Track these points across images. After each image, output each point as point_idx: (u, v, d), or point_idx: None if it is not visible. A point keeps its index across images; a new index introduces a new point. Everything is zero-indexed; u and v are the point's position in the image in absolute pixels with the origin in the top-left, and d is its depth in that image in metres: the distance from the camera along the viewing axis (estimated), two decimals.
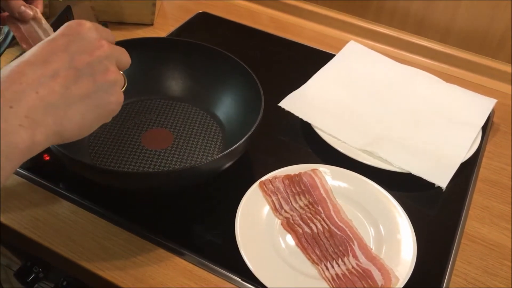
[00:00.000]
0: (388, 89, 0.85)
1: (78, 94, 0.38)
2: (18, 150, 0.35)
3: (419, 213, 0.67)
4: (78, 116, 0.39)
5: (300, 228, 0.62)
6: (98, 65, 0.40)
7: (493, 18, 0.90)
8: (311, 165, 0.69)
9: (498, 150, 0.79)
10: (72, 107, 0.38)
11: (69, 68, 0.38)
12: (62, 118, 0.37)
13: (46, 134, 0.37)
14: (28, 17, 0.51)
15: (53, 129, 0.37)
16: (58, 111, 0.37)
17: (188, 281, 0.57)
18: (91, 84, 0.39)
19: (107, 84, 0.41)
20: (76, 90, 0.38)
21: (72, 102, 0.38)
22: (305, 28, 1.03)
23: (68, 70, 0.38)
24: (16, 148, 0.34)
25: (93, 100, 0.40)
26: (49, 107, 0.36)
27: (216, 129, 0.74)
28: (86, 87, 0.39)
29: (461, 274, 0.61)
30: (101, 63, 0.40)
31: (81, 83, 0.39)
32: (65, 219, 0.63)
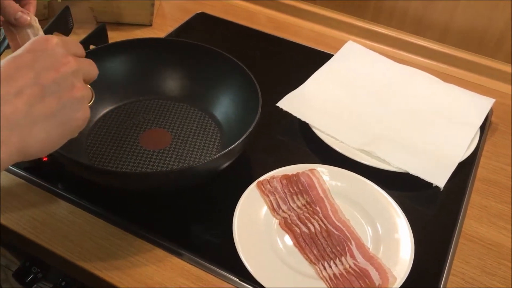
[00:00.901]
0: (386, 89, 0.85)
1: (43, 112, 0.38)
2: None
3: (417, 213, 0.67)
4: (43, 134, 0.38)
5: (298, 228, 0.62)
6: (64, 81, 0.39)
7: (491, 18, 0.90)
8: (309, 165, 0.69)
9: (496, 149, 0.79)
10: (36, 125, 0.37)
11: (34, 85, 0.38)
12: (26, 136, 0.37)
13: (9, 152, 0.36)
14: (25, 23, 0.50)
15: (17, 147, 0.36)
16: (22, 129, 0.36)
17: (186, 281, 0.57)
18: (56, 101, 0.39)
19: (73, 100, 0.40)
20: (41, 108, 0.38)
21: (36, 120, 0.37)
22: (303, 28, 1.03)
23: (33, 87, 0.38)
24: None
25: (59, 118, 0.39)
26: (13, 126, 0.36)
27: (214, 129, 0.74)
28: (51, 105, 0.38)
29: (459, 273, 0.61)
30: (67, 79, 0.40)
31: (47, 101, 0.38)
32: (63, 220, 0.63)
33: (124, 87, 0.78)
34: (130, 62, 0.78)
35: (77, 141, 0.70)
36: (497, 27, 0.90)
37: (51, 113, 0.38)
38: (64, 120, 0.39)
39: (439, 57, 0.96)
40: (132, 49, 0.78)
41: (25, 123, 0.37)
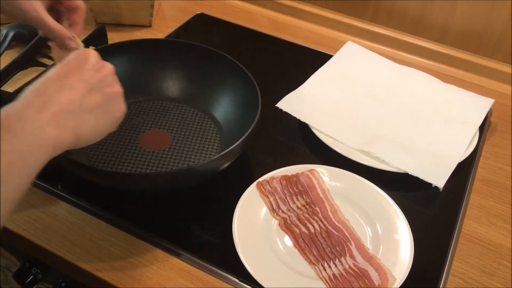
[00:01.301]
0: (385, 90, 0.85)
1: (92, 103, 0.46)
2: (48, 142, 0.41)
3: (416, 213, 0.67)
4: (92, 121, 0.46)
5: (298, 229, 0.62)
6: (105, 80, 0.48)
7: (490, 18, 0.90)
8: (309, 166, 0.69)
9: (495, 149, 0.79)
10: (87, 114, 0.45)
11: (83, 82, 0.46)
12: (80, 123, 0.44)
13: (68, 133, 0.43)
14: (71, 48, 0.57)
15: (73, 132, 0.43)
16: (76, 117, 0.44)
17: (185, 281, 0.57)
18: (101, 96, 0.47)
19: (114, 95, 0.49)
20: (90, 100, 0.46)
21: (86, 110, 0.45)
22: (303, 29, 1.04)
23: (82, 84, 0.46)
24: (47, 140, 0.41)
25: (104, 108, 0.47)
26: (69, 114, 0.43)
27: (213, 130, 0.74)
28: (97, 98, 0.46)
29: (458, 273, 0.61)
30: (107, 79, 0.48)
31: (93, 95, 0.46)
32: (63, 220, 0.63)
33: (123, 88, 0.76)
34: (130, 63, 0.78)
35: None
36: (496, 27, 0.91)
37: (97, 105, 0.46)
38: (108, 111, 0.48)
39: (438, 58, 0.96)
40: (131, 50, 0.78)
41: (78, 112, 0.44)
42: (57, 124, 0.42)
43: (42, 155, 0.40)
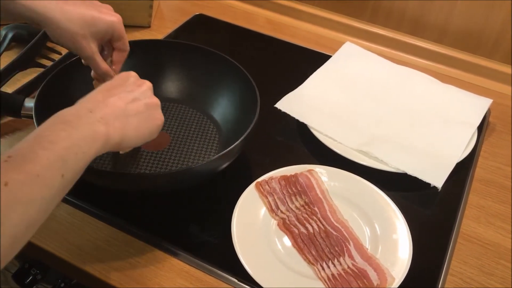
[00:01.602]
0: (384, 90, 0.86)
1: (135, 110, 0.52)
2: (99, 136, 0.46)
3: (415, 213, 0.67)
4: (135, 125, 0.51)
5: (296, 229, 0.62)
6: (145, 93, 0.55)
7: (488, 18, 0.90)
8: (307, 166, 0.69)
9: (494, 149, 0.79)
10: (130, 118, 0.51)
11: (127, 93, 0.53)
12: (125, 125, 0.50)
13: (115, 132, 0.48)
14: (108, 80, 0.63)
15: (119, 131, 0.49)
16: (121, 119, 0.50)
17: (185, 282, 0.57)
18: (142, 104, 0.53)
19: (153, 105, 0.55)
20: (133, 107, 0.52)
21: (130, 114, 0.51)
22: (301, 29, 1.04)
23: (126, 94, 0.52)
24: (97, 133, 0.46)
25: (145, 115, 0.53)
26: (116, 115, 0.49)
27: (212, 130, 0.75)
28: (139, 106, 0.53)
29: (457, 273, 0.61)
30: (147, 92, 0.55)
31: (136, 103, 0.53)
32: (62, 221, 0.63)
33: None
34: (129, 63, 0.77)
35: None
36: (494, 28, 0.91)
37: (140, 111, 0.52)
38: (148, 117, 0.53)
39: (436, 58, 0.96)
40: (130, 50, 0.77)
41: (123, 115, 0.50)
42: (106, 123, 0.47)
43: (94, 146, 0.45)
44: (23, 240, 0.39)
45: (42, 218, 0.40)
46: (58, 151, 0.41)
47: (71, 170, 0.42)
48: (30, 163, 0.39)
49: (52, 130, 0.43)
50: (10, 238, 0.36)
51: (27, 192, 0.37)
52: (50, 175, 0.40)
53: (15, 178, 0.37)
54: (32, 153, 0.39)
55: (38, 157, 0.39)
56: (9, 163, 0.38)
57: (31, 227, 0.39)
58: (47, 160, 0.39)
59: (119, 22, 0.61)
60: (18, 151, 0.40)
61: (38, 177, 0.38)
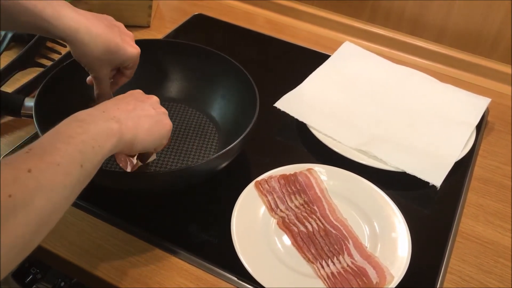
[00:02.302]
0: (383, 89, 0.86)
1: (145, 113, 0.54)
2: (113, 132, 0.48)
3: (414, 212, 0.67)
4: (147, 125, 0.53)
5: (296, 227, 0.62)
6: (153, 104, 0.57)
7: (487, 18, 0.91)
8: (307, 165, 0.69)
9: (492, 148, 0.79)
10: (142, 120, 0.53)
11: (136, 101, 0.55)
12: (137, 125, 0.52)
13: (127, 131, 0.50)
14: None
15: (131, 130, 0.51)
16: (133, 119, 0.52)
17: (185, 280, 0.58)
18: (152, 110, 0.56)
19: (162, 113, 0.57)
20: (143, 111, 0.54)
21: (141, 116, 0.53)
22: (301, 29, 1.04)
23: (136, 102, 0.55)
24: (112, 130, 0.48)
25: (155, 119, 0.55)
26: (128, 116, 0.52)
27: (212, 130, 0.75)
28: (149, 110, 0.55)
29: (456, 271, 0.61)
30: (155, 103, 0.58)
31: (145, 108, 0.55)
32: (63, 220, 0.62)
33: (122, 88, 0.78)
34: None
35: None
36: (493, 27, 0.91)
37: (150, 115, 0.55)
38: (159, 122, 0.55)
39: (435, 57, 0.96)
40: None
41: (135, 116, 0.52)
42: (118, 121, 0.49)
43: (110, 141, 0.47)
44: (48, 227, 0.40)
45: (65, 205, 0.41)
46: (76, 144, 0.43)
47: (89, 162, 0.44)
48: (51, 155, 0.40)
49: (69, 127, 0.45)
50: (36, 222, 0.38)
51: (50, 178, 0.39)
52: (71, 164, 0.41)
53: (37, 166, 0.39)
54: (52, 146, 0.41)
55: (57, 149, 0.41)
56: (30, 154, 0.40)
57: (54, 214, 0.40)
58: (66, 151, 0.41)
59: (137, 54, 0.64)
60: (38, 144, 0.42)
61: (59, 166, 0.40)
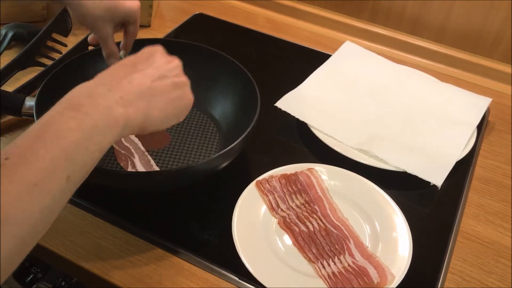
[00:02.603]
0: (383, 89, 0.86)
1: (161, 87, 0.47)
2: (116, 121, 0.41)
3: (415, 211, 0.67)
4: (161, 105, 0.47)
5: (297, 227, 0.62)
6: (174, 70, 0.50)
7: (487, 18, 0.91)
8: (307, 165, 0.69)
9: (493, 148, 0.79)
10: (156, 97, 0.46)
11: (153, 69, 0.48)
12: (149, 104, 0.45)
13: (136, 113, 0.44)
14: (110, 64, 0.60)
15: (142, 112, 0.44)
16: (147, 98, 0.45)
17: (186, 280, 0.58)
18: (170, 82, 0.48)
19: (182, 84, 0.50)
20: (160, 84, 0.47)
21: (156, 93, 0.46)
22: (301, 29, 1.04)
23: (153, 70, 0.47)
24: (115, 118, 0.41)
25: (172, 94, 0.48)
26: (140, 94, 0.45)
27: (213, 129, 0.75)
28: (166, 83, 0.48)
29: (457, 271, 0.61)
30: (176, 69, 0.50)
31: (163, 80, 0.48)
32: (63, 220, 0.63)
33: None
34: None
35: None
36: (493, 27, 0.91)
37: (167, 90, 0.48)
38: (176, 97, 0.49)
39: (436, 57, 0.96)
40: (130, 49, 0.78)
41: (148, 94, 0.45)
42: (127, 102, 0.43)
43: (110, 134, 0.41)
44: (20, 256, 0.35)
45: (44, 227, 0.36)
46: (64, 148, 0.36)
47: (79, 170, 0.38)
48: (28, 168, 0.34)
49: (60, 118, 0.38)
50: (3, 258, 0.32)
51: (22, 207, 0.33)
52: (52, 181, 0.35)
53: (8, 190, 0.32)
54: (32, 153, 0.35)
55: (38, 158, 0.35)
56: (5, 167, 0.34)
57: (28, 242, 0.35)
58: (49, 161, 0.35)
59: (137, 8, 0.63)
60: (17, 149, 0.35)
61: (36, 186, 0.34)
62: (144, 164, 0.68)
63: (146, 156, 0.69)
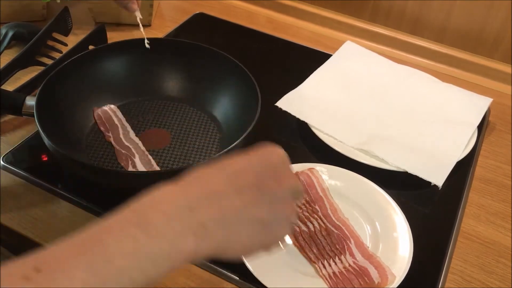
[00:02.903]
0: (384, 89, 0.86)
1: (254, 216, 0.38)
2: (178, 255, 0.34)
3: (416, 211, 0.67)
4: (245, 237, 0.38)
5: (297, 227, 0.62)
6: (281, 195, 0.40)
7: (488, 18, 0.90)
8: (308, 164, 0.69)
9: (493, 148, 0.79)
10: (243, 226, 0.38)
11: (255, 188, 0.38)
12: (231, 234, 0.37)
13: (210, 247, 0.36)
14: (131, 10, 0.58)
15: (219, 244, 0.36)
16: (230, 226, 0.37)
17: (186, 280, 0.58)
18: (268, 210, 0.39)
19: (282, 215, 0.40)
20: (253, 212, 0.38)
21: (245, 221, 0.38)
22: (302, 29, 1.04)
23: (253, 190, 0.38)
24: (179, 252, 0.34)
25: (264, 227, 0.39)
26: (225, 220, 0.36)
27: (213, 129, 0.75)
28: (262, 211, 0.38)
29: (457, 271, 0.61)
30: (285, 194, 0.40)
31: (260, 207, 0.38)
32: (64, 219, 0.63)
33: (123, 87, 0.78)
34: (129, 62, 0.78)
35: (77, 140, 0.70)
36: (494, 27, 0.91)
37: (260, 219, 0.38)
38: (268, 230, 0.39)
39: (436, 57, 0.96)
40: (131, 49, 0.78)
41: (235, 221, 0.37)
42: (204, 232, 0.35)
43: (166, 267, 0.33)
44: None
45: None
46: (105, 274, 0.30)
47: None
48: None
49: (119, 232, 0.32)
50: None
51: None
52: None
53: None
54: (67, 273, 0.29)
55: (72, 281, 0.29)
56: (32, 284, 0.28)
57: None
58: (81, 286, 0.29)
59: None
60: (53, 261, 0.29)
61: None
62: (144, 164, 0.68)
63: (146, 155, 0.69)
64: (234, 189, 0.37)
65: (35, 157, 0.71)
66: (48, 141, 0.60)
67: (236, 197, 0.37)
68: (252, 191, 0.38)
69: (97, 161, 0.68)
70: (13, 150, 0.70)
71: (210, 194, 0.36)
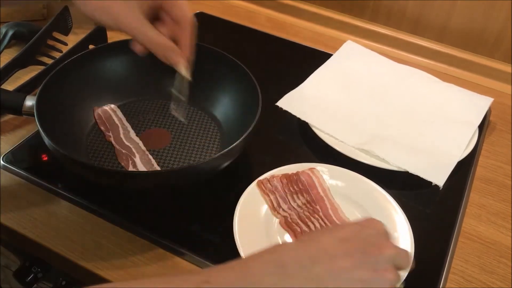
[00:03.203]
0: (385, 88, 0.86)
1: (354, 277, 0.40)
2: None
3: (417, 211, 0.67)
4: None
5: (298, 227, 0.62)
6: (381, 260, 0.42)
7: (488, 17, 0.90)
8: (309, 164, 0.69)
9: (494, 148, 0.79)
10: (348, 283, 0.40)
11: (360, 252, 0.41)
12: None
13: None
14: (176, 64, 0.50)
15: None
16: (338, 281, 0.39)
17: None
18: (368, 274, 0.41)
19: (381, 280, 0.41)
20: (356, 273, 0.40)
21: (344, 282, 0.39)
22: (303, 28, 1.04)
23: (359, 254, 0.41)
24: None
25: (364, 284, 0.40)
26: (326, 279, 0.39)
27: (214, 129, 0.75)
28: (365, 275, 0.40)
29: (458, 272, 0.61)
30: (385, 259, 0.42)
31: (364, 269, 0.40)
32: (64, 219, 0.63)
33: (124, 86, 0.78)
34: (130, 61, 0.78)
35: (77, 140, 0.70)
36: (495, 27, 0.91)
37: (359, 281, 0.40)
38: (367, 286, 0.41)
39: (437, 57, 0.96)
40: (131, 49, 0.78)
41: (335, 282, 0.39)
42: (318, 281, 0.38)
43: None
44: None
45: None
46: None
47: None
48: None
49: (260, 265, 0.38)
50: None
51: None
52: None
53: None
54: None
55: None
56: None
57: None
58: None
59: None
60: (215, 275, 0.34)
61: None
62: (145, 164, 0.68)
63: (147, 155, 0.69)
64: (342, 250, 0.41)
65: (35, 156, 0.71)
66: (48, 140, 0.59)
67: (343, 260, 0.40)
68: (358, 255, 0.41)
69: (97, 161, 0.68)
70: (13, 149, 0.70)
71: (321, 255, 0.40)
